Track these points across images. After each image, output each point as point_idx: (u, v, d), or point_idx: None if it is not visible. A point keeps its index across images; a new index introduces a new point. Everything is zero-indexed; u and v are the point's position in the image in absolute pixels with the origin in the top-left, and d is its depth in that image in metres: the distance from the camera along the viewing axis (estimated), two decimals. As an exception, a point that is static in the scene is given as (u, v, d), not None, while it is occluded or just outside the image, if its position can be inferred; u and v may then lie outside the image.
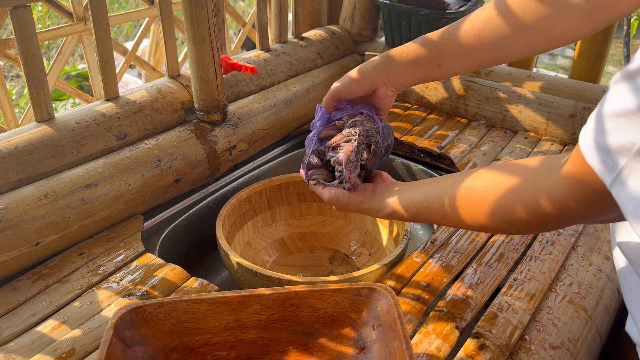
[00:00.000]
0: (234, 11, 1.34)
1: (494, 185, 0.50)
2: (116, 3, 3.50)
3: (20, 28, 0.72)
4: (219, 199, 0.92)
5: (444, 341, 0.60)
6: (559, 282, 0.70)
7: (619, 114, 0.34)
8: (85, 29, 1.36)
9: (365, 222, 0.92)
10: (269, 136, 1.04)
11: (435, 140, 1.04)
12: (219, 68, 0.90)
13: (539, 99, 1.05)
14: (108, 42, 0.83)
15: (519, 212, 0.47)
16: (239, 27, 2.07)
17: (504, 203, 0.49)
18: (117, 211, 0.80)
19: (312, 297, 0.57)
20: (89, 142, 0.81)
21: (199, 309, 0.56)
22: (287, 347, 0.58)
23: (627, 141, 0.33)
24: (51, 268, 0.72)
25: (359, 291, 0.57)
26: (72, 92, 1.40)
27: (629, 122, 0.33)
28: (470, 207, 0.52)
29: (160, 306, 0.55)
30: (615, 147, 0.34)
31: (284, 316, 0.57)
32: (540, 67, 3.82)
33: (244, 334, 0.57)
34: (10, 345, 0.60)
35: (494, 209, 0.50)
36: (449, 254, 0.74)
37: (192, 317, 0.56)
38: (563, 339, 0.62)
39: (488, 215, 0.50)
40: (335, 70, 1.20)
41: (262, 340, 0.58)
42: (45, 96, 0.78)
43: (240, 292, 0.56)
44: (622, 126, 0.33)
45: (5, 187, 0.72)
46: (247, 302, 0.56)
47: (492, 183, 0.50)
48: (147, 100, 0.89)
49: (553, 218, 0.46)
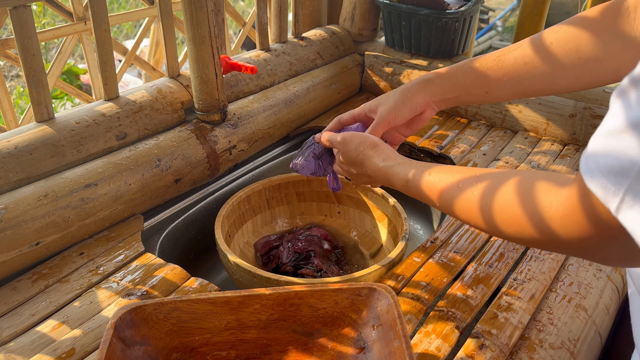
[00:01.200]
0: (234, 11, 1.34)
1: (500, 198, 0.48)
2: (116, 3, 3.50)
3: (20, 28, 0.72)
4: (218, 198, 0.92)
5: (444, 341, 0.60)
6: (559, 282, 0.70)
7: (613, 132, 0.31)
8: (85, 28, 1.36)
9: (365, 222, 0.92)
10: (269, 136, 1.04)
11: (435, 140, 1.04)
12: (219, 68, 0.90)
13: (539, 99, 1.05)
14: (108, 42, 0.83)
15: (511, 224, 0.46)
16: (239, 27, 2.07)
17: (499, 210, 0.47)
18: (117, 211, 0.80)
19: (312, 297, 0.57)
20: (89, 142, 0.81)
21: (199, 309, 0.56)
22: (287, 347, 0.58)
23: (627, 161, 0.30)
24: (51, 268, 0.72)
25: (359, 291, 0.57)
26: (72, 92, 1.40)
27: (624, 140, 0.31)
28: (470, 211, 0.51)
29: (160, 306, 0.55)
30: (616, 168, 0.31)
31: (284, 316, 0.57)
32: (540, 67, 3.82)
33: (244, 334, 0.57)
34: (10, 345, 0.60)
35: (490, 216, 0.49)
36: (449, 253, 0.74)
37: (192, 317, 0.56)
38: (563, 339, 0.62)
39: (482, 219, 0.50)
40: (335, 70, 1.20)
41: (262, 340, 0.58)
42: (45, 96, 0.78)
43: (240, 292, 0.56)
44: (619, 145, 0.31)
45: (5, 187, 0.72)
46: (247, 302, 0.56)
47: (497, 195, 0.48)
48: (147, 100, 0.89)
49: (542, 243, 0.44)
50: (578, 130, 1.01)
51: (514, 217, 0.45)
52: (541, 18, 1.15)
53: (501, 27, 4.54)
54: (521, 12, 1.17)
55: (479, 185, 0.50)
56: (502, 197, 0.47)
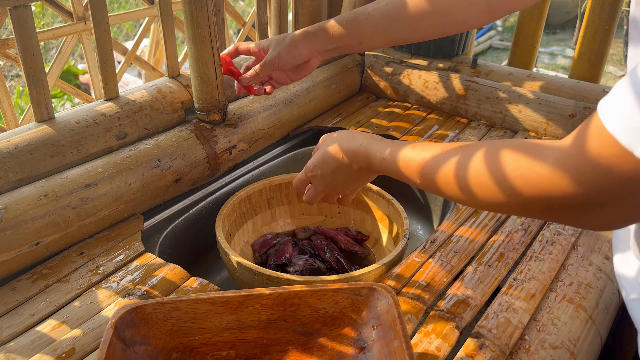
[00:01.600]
0: (234, 11, 1.34)
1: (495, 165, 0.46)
2: (116, 3, 3.50)
3: (20, 28, 0.72)
4: (219, 198, 0.92)
5: (444, 341, 0.60)
6: (559, 282, 0.70)
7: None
8: (85, 28, 1.37)
9: (365, 222, 0.92)
10: (269, 136, 1.04)
11: (435, 140, 1.04)
12: (219, 68, 0.90)
13: (539, 99, 1.05)
14: (108, 41, 0.83)
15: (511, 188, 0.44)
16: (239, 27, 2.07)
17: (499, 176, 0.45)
18: (117, 211, 0.80)
19: (312, 296, 0.57)
20: (89, 142, 0.81)
21: (199, 309, 0.56)
22: (287, 346, 0.58)
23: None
24: (51, 268, 0.72)
25: (359, 291, 0.57)
26: (72, 92, 1.40)
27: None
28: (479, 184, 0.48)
29: (160, 306, 0.56)
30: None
31: (284, 316, 0.57)
32: (540, 66, 3.83)
33: (244, 334, 0.57)
34: (10, 345, 0.60)
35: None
36: (449, 253, 0.74)
37: (192, 317, 0.56)
38: (563, 338, 0.62)
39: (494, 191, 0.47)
40: (335, 70, 1.20)
41: (262, 340, 0.58)
42: (45, 96, 0.78)
43: (240, 291, 0.56)
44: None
45: (5, 187, 0.72)
46: (247, 301, 0.57)
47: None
48: (147, 100, 0.89)
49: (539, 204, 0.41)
50: (578, 130, 1.01)
51: (510, 176, 0.43)
52: (541, 18, 1.15)
53: (501, 26, 4.54)
54: (521, 12, 1.17)
55: (464, 152, 0.49)
56: (490, 161, 0.45)
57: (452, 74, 1.15)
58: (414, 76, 1.18)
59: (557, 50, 4.12)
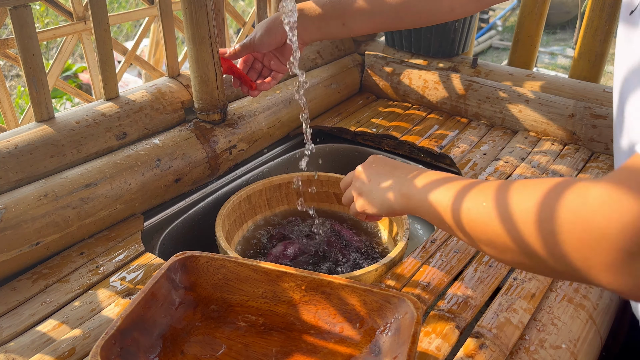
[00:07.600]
0: (234, 11, 1.34)
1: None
2: (116, 3, 3.50)
3: (20, 28, 0.72)
4: (219, 198, 0.92)
5: (444, 341, 0.60)
6: (559, 282, 0.70)
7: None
8: (85, 28, 1.37)
9: (366, 222, 0.92)
10: (269, 136, 1.04)
11: (435, 140, 1.04)
12: (218, 68, 0.90)
13: (539, 99, 1.05)
14: (108, 41, 0.83)
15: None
16: (239, 27, 2.07)
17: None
18: (117, 211, 0.80)
19: (344, 290, 0.59)
20: (89, 142, 0.81)
21: (242, 272, 0.62)
22: (309, 330, 0.60)
23: None
24: (51, 268, 0.72)
25: (389, 298, 0.57)
26: (72, 92, 1.40)
27: None
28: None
29: (212, 260, 0.62)
30: None
31: (314, 301, 0.60)
32: (540, 66, 3.83)
33: (276, 306, 0.61)
34: (10, 345, 0.60)
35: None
36: (449, 253, 0.74)
37: (236, 277, 0.62)
38: (563, 338, 0.62)
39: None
40: (335, 69, 1.20)
41: (289, 317, 0.61)
42: (45, 96, 0.78)
43: (279, 266, 0.61)
44: None
45: (5, 187, 0.72)
46: (284, 277, 0.61)
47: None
48: (147, 100, 0.89)
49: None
50: (578, 130, 1.01)
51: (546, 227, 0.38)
52: (541, 18, 1.15)
53: (501, 26, 4.55)
54: (521, 11, 1.17)
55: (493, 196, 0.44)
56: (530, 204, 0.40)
57: (452, 74, 1.15)
58: (414, 76, 1.18)
59: (557, 50, 4.13)
